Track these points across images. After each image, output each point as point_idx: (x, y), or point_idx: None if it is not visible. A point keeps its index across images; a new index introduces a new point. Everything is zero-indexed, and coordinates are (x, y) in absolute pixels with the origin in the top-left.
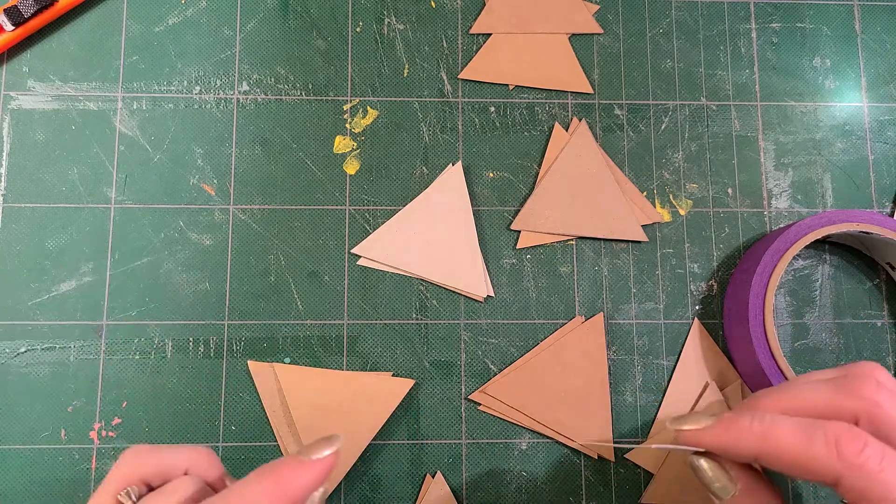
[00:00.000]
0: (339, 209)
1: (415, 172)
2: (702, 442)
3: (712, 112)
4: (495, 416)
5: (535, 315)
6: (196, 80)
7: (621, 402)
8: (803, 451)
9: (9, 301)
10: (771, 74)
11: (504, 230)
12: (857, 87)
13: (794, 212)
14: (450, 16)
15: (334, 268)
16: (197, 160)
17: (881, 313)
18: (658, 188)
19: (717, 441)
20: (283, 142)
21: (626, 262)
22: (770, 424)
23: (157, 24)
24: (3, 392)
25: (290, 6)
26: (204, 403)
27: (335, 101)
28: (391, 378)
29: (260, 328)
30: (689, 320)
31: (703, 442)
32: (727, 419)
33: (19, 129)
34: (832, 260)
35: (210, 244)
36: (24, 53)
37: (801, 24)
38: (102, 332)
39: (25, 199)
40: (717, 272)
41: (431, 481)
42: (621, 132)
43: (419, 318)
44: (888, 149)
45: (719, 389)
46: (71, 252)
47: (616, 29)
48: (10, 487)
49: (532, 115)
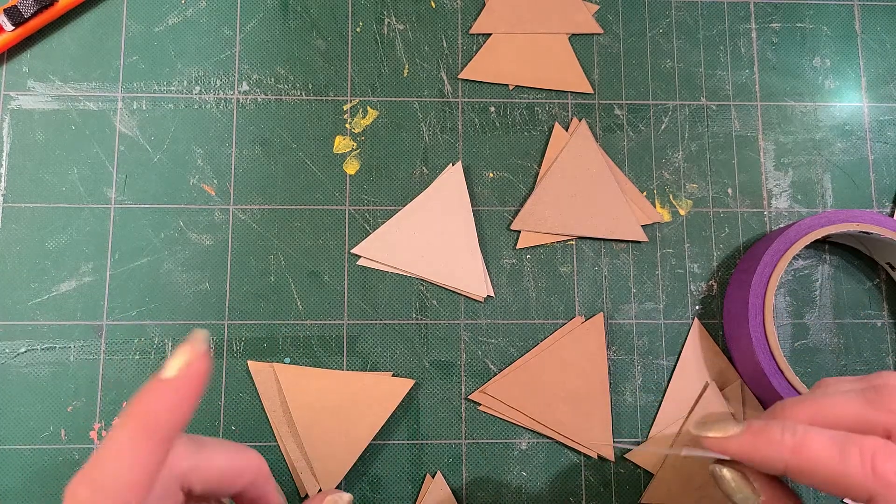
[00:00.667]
0: (338, 209)
1: (415, 172)
2: (728, 451)
3: (712, 112)
4: (495, 416)
5: (535, 315)
6: (196, 80)
7: (621, 402)
8: (836, 466)
9: (9, 301)
10: (771, 74)
11: (504, 230)
12: (857, 87)
13: (794, 212)
14: (450, 16)
15: (334, 268)
16: (197, 160)
17: (881, 313)
18: (658, 188)
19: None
20: (283, 142)
21: (626, 262)
22: (802, 436)
23: (157, 24)
24: (3, 392)
25: (290, 6)
26: (204, 403)
27: (335, 101)
28: (391, 378)
29: (260, 328)
30: (689, 320)
31: (729, 451)
32: (756, 429)
33: (19, 129)
34: (832, 260)
35: (210, 244)
36: (24, 53)
37: (801, 24)
38: (102, 332)
39: (25, 199)
40: (717, 272)
41: (431, 481)
42: (621, 132)
43: (419, 318)
44: (888, 149)
45: (719, 389)
46: (71, 252)
47: (616, 29)
48: (10, 487)
49: (532, 115)
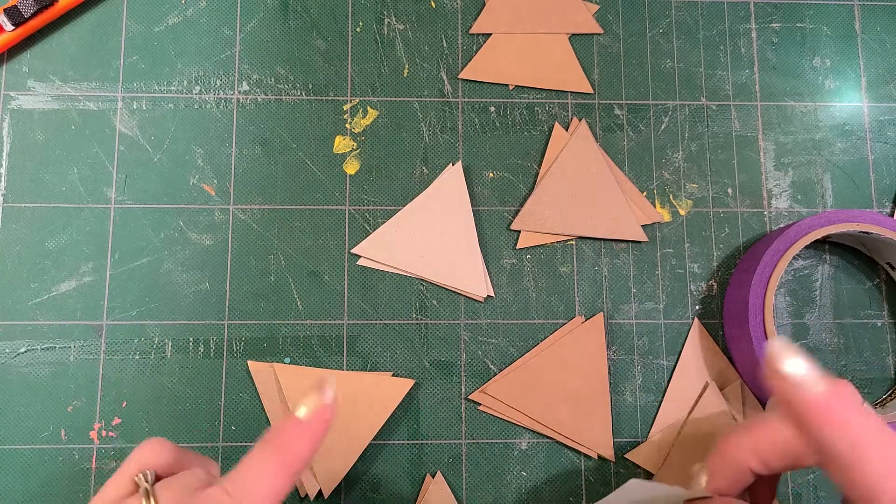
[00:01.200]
0: (338, 209)
1: (415, 172)
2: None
3: (712, 112)
4: (495, 416)
5: (535, 315)
6: (196, 80)
7: (621, 402)
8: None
9: (9, 301)
10: (771, 74)
11: (504, 230)
12: (857, 87)
13: (794, 212)
14: (450, 16)
15: (334, 268)
16: (197, 160)
17: (881, 313)
18: (658, 188)
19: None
20: (283, 142)
21: (626, 262)
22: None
23: (157, 24)
24: (3, 392)
25: (290, 6)
26: (204, 403)
27: (335, 101)
28: (391, 378)
29: (260, 328)
30: (689, 320)
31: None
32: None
33: (19, 129)
34: (832, 260)
35: (210, 244)
36: (24, 53)
37: (801, 24)
38: (102, 332)
39: (25, 199)
40: (717, 272)
41: (431, 481)
42: (621, 132)
43: (419, 318)
44: (888, 149)
45: (719, 389)
46: (71, 252)
47: (616, 29)
48: (10, 487)
49: (532, 115)
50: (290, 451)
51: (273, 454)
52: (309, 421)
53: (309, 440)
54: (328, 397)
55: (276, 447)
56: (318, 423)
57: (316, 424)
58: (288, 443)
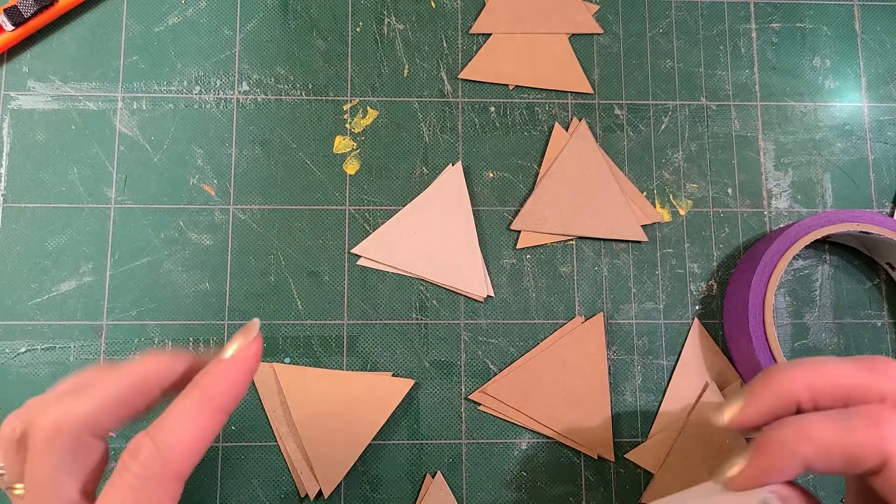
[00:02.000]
0: (338, 209)
1: (415, 172)
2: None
3: (712, 112)
4: (495, 416)
5: (535, 315)
6: (196, 80)
7: (621, 402)
8: (844, 440)
9: (9, 301)
10: (771, 74)
11: (504, 230)
12: (857, 87)
13: (794, 212)
14: (450, 16)
15: (334, 268)
16: (197, 160)
17: (881, 313)
18: (658, 188)
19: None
20: (283, 142)
21: (626, 262)
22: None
23: (157, 24)
24: (3, 392)
25: (290, 6)
26: None
27: (335, 101)
28: (391, 378)
29: (260, 328)
30: (689, 320)
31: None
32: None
33: (19, 129)
34: (832, 260)
35: (210, 244)
36: (24, 53)
37: (801, 24)
38: (102, 332)
39: (25, 199)
40: (717, 272)
41: (431, 481)
42: (621, 132)
43: (419, 318)
44: (888, 149)
45: (719, 389)
46: (71, 252)
47: (616, 29)
48: None
49: (532, 115)
50: (214, 390)
51: (197, 395)
52: (233, 358)
53: (233, 377)
54: (251, 335)
55: (199, 388)
56: (242, 360)
57: (240, 362)
58: (212, 382)
